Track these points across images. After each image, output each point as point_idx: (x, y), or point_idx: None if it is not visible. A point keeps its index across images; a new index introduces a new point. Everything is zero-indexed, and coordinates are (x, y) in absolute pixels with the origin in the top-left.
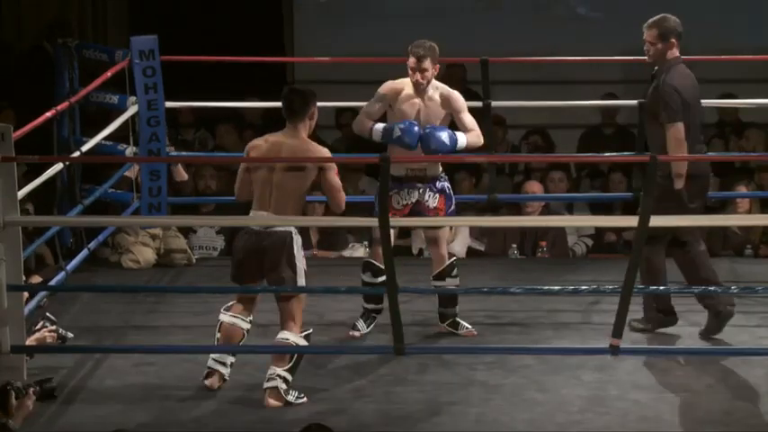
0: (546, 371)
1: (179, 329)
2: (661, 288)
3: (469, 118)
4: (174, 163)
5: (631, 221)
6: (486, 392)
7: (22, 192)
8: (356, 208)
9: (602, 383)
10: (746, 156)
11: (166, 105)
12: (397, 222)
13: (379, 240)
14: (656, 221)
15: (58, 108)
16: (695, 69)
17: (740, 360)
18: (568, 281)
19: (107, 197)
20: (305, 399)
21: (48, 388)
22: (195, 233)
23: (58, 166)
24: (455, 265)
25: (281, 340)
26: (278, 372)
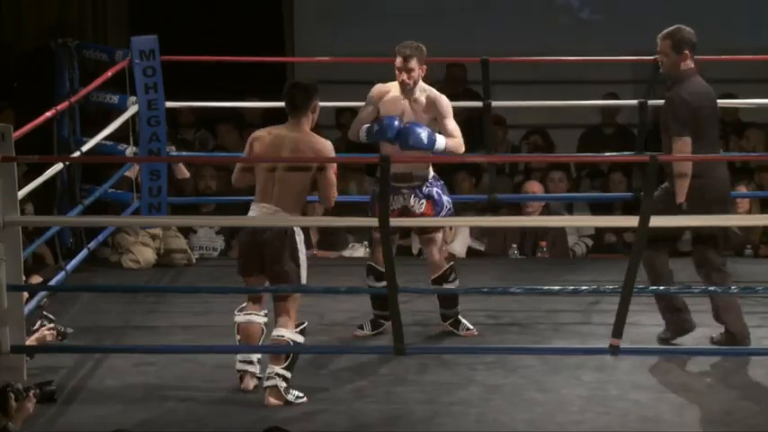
0: (546, 371)
1: (179, 329)
2: (661, 288)
3: (453, 125)
4: (176, 162)
5: (631, 221)
6: (486, 392)
7: (22, 192)
8: (356, 208)
9: (602, 383)
10: (746, 156)
11: (167, 105)
12: (398, 223)
13: (379, 241)
14: (656, 221)
15: (58, 108)
16: None
17: (740, 360)
18: (568, 281)
19: (107, 197)
20: (305, 398)
21: (48, 391)
22: (195, 234)
23: (58, 166)
24: (453, 271)
25: (277, 338)
26: (276, 370)
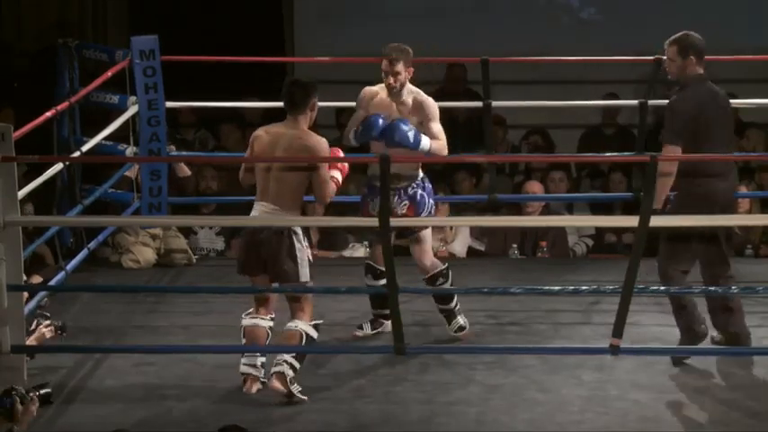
0: (546, 371)
1: (179, 329)
2: (661, 288)
3: (439, 128)
4: (176, 162)
5: (631, 221)
6: (485, 392)
7: (22, 192)
8: (356, 208)
9: (601, 383)
10: (746, 156)
11: (167, 105)
12: (398, 223)
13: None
14: (656, 221)
15: (59, 108)
16: None
17: (740, 360)
18: (568, 281)
19: (107, 197)
20: (305, 398)
21: (43, 394)
22: (196, 235)
23: (58, 166)
24: (443, 275)
25: (291, 327)
26: (285, 357)
